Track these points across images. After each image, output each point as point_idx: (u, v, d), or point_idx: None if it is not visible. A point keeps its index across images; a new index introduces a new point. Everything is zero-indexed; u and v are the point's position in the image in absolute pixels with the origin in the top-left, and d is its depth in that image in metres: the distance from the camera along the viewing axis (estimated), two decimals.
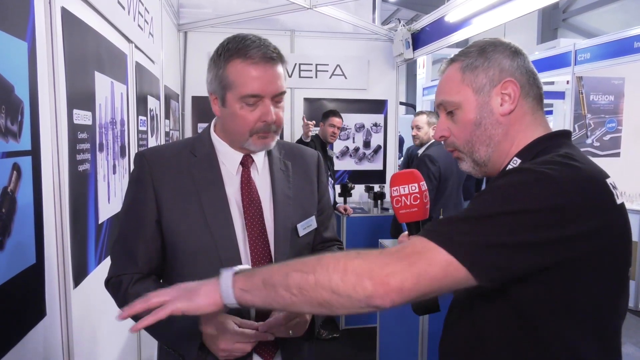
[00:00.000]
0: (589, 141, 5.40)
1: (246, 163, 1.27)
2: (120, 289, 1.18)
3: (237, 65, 1.15)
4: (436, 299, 1.09)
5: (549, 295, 0.86)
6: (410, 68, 11.54)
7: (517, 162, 0.96)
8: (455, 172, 3.42)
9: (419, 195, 1.07)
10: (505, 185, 0.85)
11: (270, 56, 1.16)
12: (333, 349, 3.81)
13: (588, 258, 0.83)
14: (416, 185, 1.07)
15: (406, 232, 1.12)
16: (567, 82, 5.69)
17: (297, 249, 1.29)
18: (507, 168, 0.96)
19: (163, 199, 1.20)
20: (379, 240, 3.18)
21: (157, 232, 1.20)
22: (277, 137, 1.27)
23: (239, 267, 0.94)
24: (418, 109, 9.35)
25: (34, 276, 1.20)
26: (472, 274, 0.80)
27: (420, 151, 3.72)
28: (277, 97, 1.19)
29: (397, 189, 1.08)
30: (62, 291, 1.38)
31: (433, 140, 3.57)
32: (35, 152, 1.21)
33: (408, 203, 1.07)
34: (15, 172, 1.09)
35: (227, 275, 0.93)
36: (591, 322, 0.88)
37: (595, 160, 0.95)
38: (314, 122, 3.85)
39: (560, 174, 0.82)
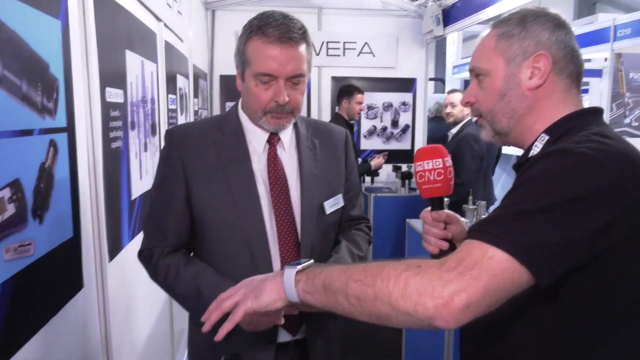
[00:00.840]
0: (627, 121, 5.20)
1: (273, 141, 1.28)
2: (152, 262, 1.23)
3: (255, 43, 1.15)
4: None
5: (596, 280, 0.82)
6: (440, 46, 11.26)
7: (544, 139, 0.92)
8: (490, 151, 3.38)
9: (442, 171, 1.05)
10: (549, 173, 0.80)
11: (290, 36, 1.14)
12: (357, 327, 3.83)
13: (634, 235, 0.80)
14: (440, 160, 1.05)
15: (428, 208, 1.11)
16: (605, 59, 5.46)
17: (324, 227, 1.30)
18: (535, 145, 0.93)
19: (191, 175, 1.22)
20: (407, 220, 3.16)
21: (186, 208, 1.23)
22: (293, 119, 1.26)
23: (302, 264, 0.93)
24: (447, 87, 9.17)
25: (71, 249, 1.24)
26: (534, 276, 0.76)
27: (454, 130, 3.66)
28: (293, 79, 1.18)
29: (421, 164, 1.07)
30: (98, 264, 1.43)
31: (469, 118, 3.51)
32: (70, 129, 1.24)
33: (432, 178, 1.05)
34: (52, 148, 1.12)
35: (289, 273, 0.91)
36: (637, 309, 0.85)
37: (634, 140, 0.91)
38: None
39: (600, 153, 0.79)
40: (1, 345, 0.88)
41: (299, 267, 0.92)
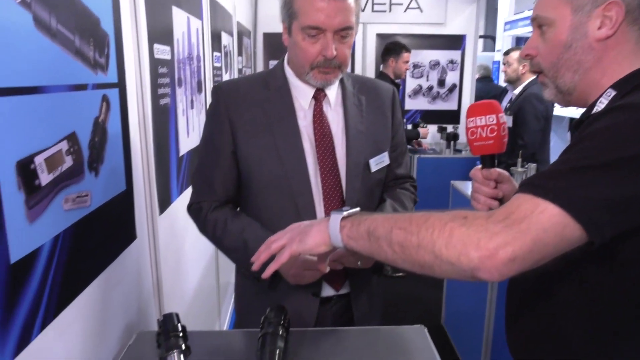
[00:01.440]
0: None
1: (319, 97, 1.26)
2: (200, 215, 1.26)
3: None
4: None
5: None
6: (491, 1, 10.68)
7: (611, 94, 0.86)
8: (551, 114, 3.24)
9: (496, 127, 1.01)
10: (613, 128, 0.75)
11: None
12: (399, 286, 3.88)
13: None
14: (494, 116, 1.01)
15: (479, 166, 1.07)
16: None
17: (369, 185, 1.29)
18: (600, 101, 0.87)
19: (238, 130, 1.23)
20: (451, 181, 3.10)
21: (233, 163, 1.25)
22: (341, 74, 1.24)
23: (347, 210, 0.93)
24: (498, 46, 8.74)
25: (125, 202, 1.29)
26: (588, 234, 0.72)
27: (516, 91, 3.51)
28: (342, 32, 1.15)
29: (473, 120, 1.03)
30: (150, 217, 1.48)
31: (532, 78, 3.35)
32: (121, 85, 1.26)
33: (484, 135, 1.02)
34: (104, 103, 1.15)
35: (335, 218, 0.92)
36: None
37: None
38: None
39: None
40: (65, 289, 0.94)
41: (345, 213, 0.92)
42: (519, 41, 8.53)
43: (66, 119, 0.96)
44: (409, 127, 4.39)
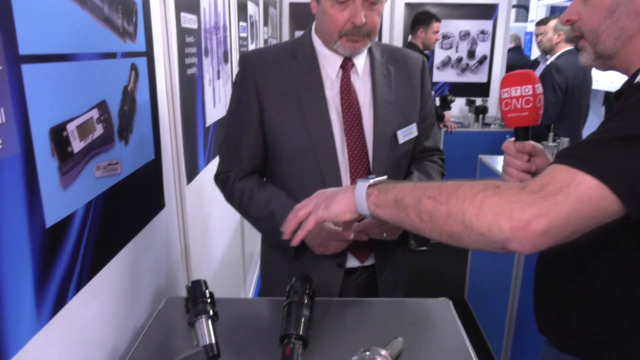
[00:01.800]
0: None
1: (346, 67, 1.24)
2: (227, 185, 1.27)
3: None
4: None
5: None
6: None
7: None
8: (583, 88, 3.11)
9: (532, 99, 0.97)
10: None
11: None
12: (423, 260, 3.88)
13: None
14: (530, 87, 0.97)
15: (512, 139, 1.04)
16: None
17: (396, 157, 1.27)
18: None
19: (265, 100, 1.22)
20: (479, 156, 3.05)
21: (259, 133, 1.25)
22: (370, 43, 1.21)
23: (374, 178, 0.92)
24: (531, 16, 8.41)
25: (154, 170, 1.31)
26: (626, 207, 0.70)
27: (548, 62, 3.39)
28: None
29: (507, 91, 0.99)
30: (178, 186, 1.50)
31: (566, 49, 3.22)
32: (149, 54, 1.26)
33: (519, 106, 0.98)
34: (133, 72, 1.16)
35: (361, 186, 0.90)
36: None
37: None
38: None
39: None
40: (97, 254, 0.97)
41: (372, 180, 0.91)
42: (554, 10, 8.19)
43: (96, 87, 0.97)
44: (437, 101, 4.30)
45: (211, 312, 1.07)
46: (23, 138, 0.72)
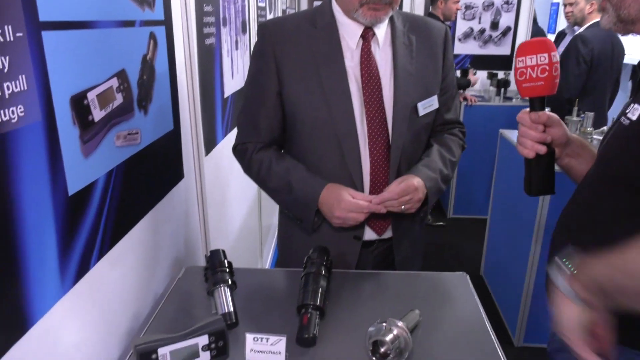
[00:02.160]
0: None
1: (367, 36, 1.21)
2: (245, 156, 1.27)
3: None
4: (553, 178, 0.99)
5: None
6: None
7: None
8: (610, 61, 3.00)
9: (547, 67, 0.93)
10: None
11: None
12: (440, 235, 3.87)
13: None
14: (546, 55, 0.93)
15: (527, 109, 1.00)
16: None
17: (416, 129, 1.26)
18: None
19: (284, 70, 1.20)
20: (500, 130, 2.99)
21: (278, 103, 1.23)
22: (391, 11, 1.17)
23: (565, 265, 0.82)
24: None
25: (173, 141, 1.31)
26: None
27: (577, 33, 3.27)
28: None
29: (522, 60, 0.95)
30: (196, 157, 1.51)
31: (594, 20, 3.11)
32: (168, 23, 1.25)
33: (534, 76, 0.94)
34: (152, 40, 1.15)
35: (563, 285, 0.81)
36: None
37: None
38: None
39: None
40: (118, 222, 0.98)
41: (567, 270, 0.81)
42: None
43: (116, 55, 0.96)
44: (458, 73, 4.20)
45: (230, 281, 1.09)
46: (44, 106, 0.72)
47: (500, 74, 4.18)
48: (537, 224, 2.33)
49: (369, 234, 1.30)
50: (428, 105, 1.26)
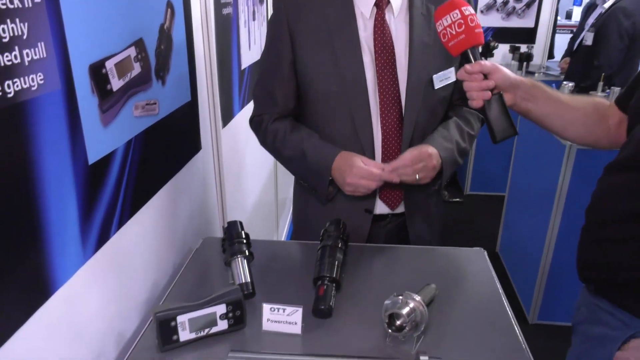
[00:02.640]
0: None
1: (381, 4, 1.18)
2: (261, 127, 1.28)
3: None
4: (510, 120, 1.03)
5: None
6: None
7: None
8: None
9: (462, 21, 0.99)
10: None
11: None
12: (456, 211, 3.85)
13: None
14: (457, 11, 1.00)
15: (466, 65, 1.03)
16: None
17: (431, 103, 1.23)
18: None
19: (297, 39, 1.19)
20: None
21: (292, 73, 1.23)
22: None
23: None
24: None
25: (190, 112, 1.31)
26: None
27: (607, 4, 3.13)
28: None
29: (440, 23, 1.02)
30: (214, 129, 1.51)
31: None
32: None
33: (454, 32, 1.01)
34: (169, 9, 1.13)
35: None
36: None
37: None
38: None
39: None
40: (137, 192, 0.99)
41: None
42: None
43: (133, 24, 0.95)
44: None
45: (247, 253, 1.09)
46: (64, 74, 0.72)
47: (523, 48, 4.07)
48: (556, 202, 2.29)
49: (381, 208, 1.29)
50: (444, 78, 1.22)
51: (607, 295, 0.98)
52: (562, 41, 4.69)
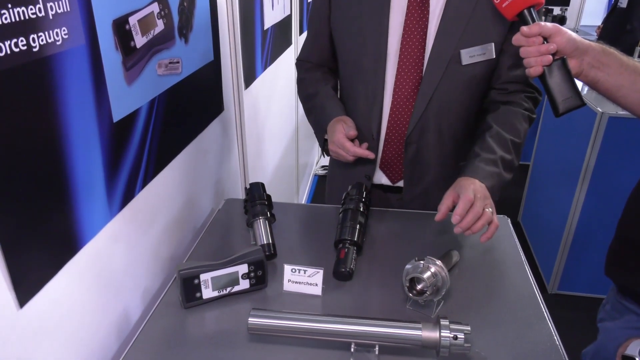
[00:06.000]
0: None
1: None
2: (298, 75, 1.34)
3: None
4: (576, 88, 0.89)
5: None
6: None
7: None
8: None
9: None
10: None
11: None
12: None
13: None
14: None
15: (523, 27, 0.90)
16: None
17: (455, 81, 1.11)
18: None
19: None
20: None
21: (327, 28, 1.23)
22: None
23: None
24: None
25: (213, 72, 1.29)
26: None
27: None
28: None
29: None
30: (236, 90, 1.49)
31: None
32: None
33: None
34: None
35: None
36: None
37: None
38: None
39: None
40: (161, 152, 0.99)
41: None
42: None
43: None
44: None
45: (269, 214, 1.10)
46: (88, 29, 0.71)
47: (556, 10, 3.90)
48: (583, 173, 2.23)
49: (382, 179, 1.26)
50: (477, 54, 1.09)
51: (632, 295, 0.95)
52: (600, 3, 4.47)
